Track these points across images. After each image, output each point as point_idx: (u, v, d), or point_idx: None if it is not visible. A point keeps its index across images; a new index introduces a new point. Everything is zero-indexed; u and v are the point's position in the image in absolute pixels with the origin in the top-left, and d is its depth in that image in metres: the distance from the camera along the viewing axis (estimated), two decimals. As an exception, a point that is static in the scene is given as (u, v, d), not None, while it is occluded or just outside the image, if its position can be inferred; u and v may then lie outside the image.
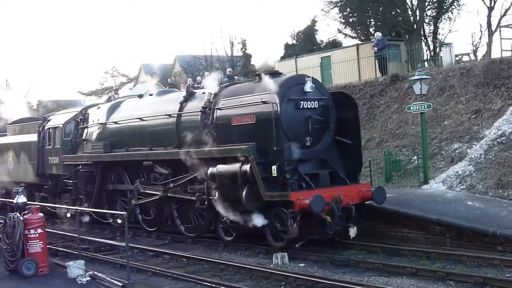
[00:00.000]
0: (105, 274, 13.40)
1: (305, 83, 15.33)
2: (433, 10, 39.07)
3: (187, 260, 15.37)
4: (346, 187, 15.31)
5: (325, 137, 15.75)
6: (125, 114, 20.38)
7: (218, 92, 16.98)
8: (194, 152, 16.59)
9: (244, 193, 14.83)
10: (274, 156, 14.68)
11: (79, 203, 21.02)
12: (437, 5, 38.79)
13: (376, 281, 12.07)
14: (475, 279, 11.69)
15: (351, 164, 16.17)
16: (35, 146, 23.62)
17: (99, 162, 20.73)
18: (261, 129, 14.96)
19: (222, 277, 13.28)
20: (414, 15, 38.33)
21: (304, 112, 15.34)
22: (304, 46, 42.05)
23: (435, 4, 38.85)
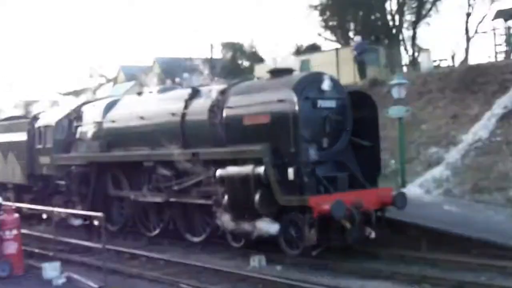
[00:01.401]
0: (81, 276, 13.38)
1: (322, 81, 14.58)
2: (412, 15, 39.48)
3: (164, 262, 15.31)
4: (365, 191, 14.52)
5: (342, 138, 14.95)
6: (123, 112, 19.48)
7: (227, 89, 16.19)
8: (204, 152, 15.79)
9: (257, 197, 13.82)
10: (290, 158, 13.75)
11: (71, 206, 20.41)
12: (416, 10, 39.20)
13: (352, 284, 12.15)
14: (451, 283, 11.81)
15: (369, 167, 15.30)
16: (24, 145, 22.95)
17: (94, 163, 19.86)
18: (276, 129, 14.08)
19: (199, 280, 13.25)
20: (393, 20, 38.78)
21: (321, 111, 14.47)
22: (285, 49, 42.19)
23: (414, 9, 39.26)
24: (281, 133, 13.83)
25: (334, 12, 40.08)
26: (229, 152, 14.89)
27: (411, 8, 39.50)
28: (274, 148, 13.79)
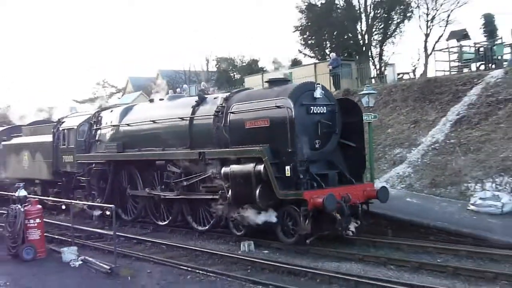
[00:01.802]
0: (95, 259, 13.31)
1: (315, 90, 14.52)
2: (379, 35, 39.65)
3: (166, 247, 15.27)
4: (352, 187, 14.39)
5: (332, 140, 14.74)
6: (138, 116, 19.15)
7: (230, 97, 15.95)
8: (210, 152, 15.53)
9: (258, 191, 13.68)
10: (287, 157, 13.60)
11: (91, 199, 20.24)
12: (382, 31, 39.39)
13: (328, 266, 12.13)
14: (412, 264, 11.84)
15: (355, 165, 15.17)
16: (50, 146, 22.59)
17: (112, 161, 19.48)
18: (274, 131, 13.87)
19: (196, 262, 13.22)
20: (363, 39, 38.90)
21: (314, 116, 14.40)
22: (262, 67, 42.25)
23: (381, 30, 39.45)
24: (279, 135, 13.68)
25: (312, 32, 40.17)
26: (233, 152, 14.66)
27: (378, 29, 39.67)
28: (273, 149, 13.66)
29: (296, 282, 11.07)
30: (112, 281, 11.77)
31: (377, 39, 39.84)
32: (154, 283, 11.43)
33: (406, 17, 39.15)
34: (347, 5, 38.83)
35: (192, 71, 47.12)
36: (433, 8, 37.57)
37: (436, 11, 37.67)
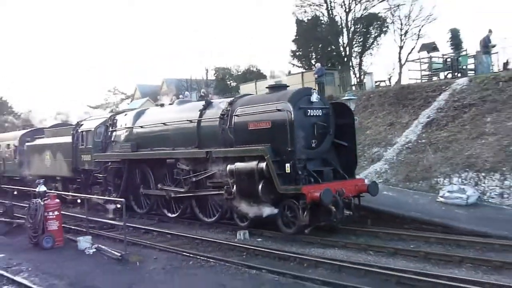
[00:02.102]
0: (107, 246, 13.31)
1: (311, 95, 14.33)
2: (359, 48, 39.79)
3: (171, 236, 15.25)
4: (345, 182, 14.20)
5: (326, 140, 14.50)
6: (150, 119, 18.86)
7: (234, 101, 15.71)
8: (217, 151, 15.24)
9: (260, 187, 13.50)
10: (287, 156, 13.43)
11: (107, 194, 19.99)
12: (361, 44, 39.53)
13: (315, 252, 12.20)
14: (388, 250, 11.93)
15: (347, 163, 14.92)
16: (70, 146, 22.29)
17: (126, 160, 19.14)
18: (275, 132, 13.68)
19: (197, 249, 13.23)
20: (345, 51, 39.00)
21: (310, 118, 14.12)
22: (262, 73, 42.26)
23: (360, 43, 39.59)
24: (280, 135, 13.54)
25: (300, 45, 40.26)
26: (237, 151, 14.47)
27: (358, 42, 39.78)
28: (274, 148, 13.49)
29: (286, 266, 11.12)
30: (123, 267, 11.77)
31: (357, 51, 39.98)
32: (160, 267, 11.44)
33: (382, 32, 39.28)
34: (330, 21, 38.88)
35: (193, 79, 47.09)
36: (406, 23, 37.80)
37: (408, 27, 37.87)
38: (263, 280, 10.11)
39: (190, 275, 10.74)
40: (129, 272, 11.24)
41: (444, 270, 10.15)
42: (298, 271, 10.61)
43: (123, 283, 10.33)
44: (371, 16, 38.59)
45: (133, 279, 10.60)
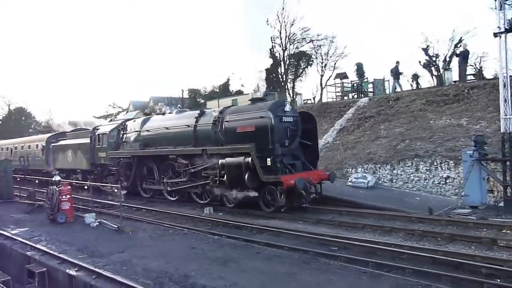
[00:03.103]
0: (107, 221, 12.95)
1: (285, 105, 13.94)
2: (292, 75, 40.20)
3: (156, 212, 14.98)
4: (311, 172, 13.82)
5: (296, 140, 14.09)
6: (154, 124, 18.14)
7: (223, 110, 15.17)
8: (211, 149, 14.66)
9: (246, 176, 13.09)
10: (268, 152, 13.10)
11: (119, 183, 18.67)
12: (294, 73, 39.96)
13: (261, 222, 12.16)
14: (313, 220, 11.95)
15: (311, 157, 14.50)
16: (88, 146, 21.57)
17: (136, 156, 18.34)
18: (258, 134, 13.27)
19: (175, 221, 13.06)
20: (282, 78, 39.28)
21: (284, 124, 13.66)
22: (223, 93, 41.99)
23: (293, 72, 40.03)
24: (262, 137, 13.19)
25: (250, 73, 40.50)
26: (228, 149, 14.02)
27: (292, 72, 40.20)
28: (257, 146, 13.10)
29: (240, 233, 11.11)
30: (119, 235, 11.47)
31: (291, 78, 40.36)
32: (147, 235, 11.20)
33: (309, 64, 39.82)
34: (272, 56, 39.26)
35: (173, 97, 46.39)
36: (325, 59, 38.62)
37: (327, 61, 38.68)
38: (223, 243, 10.04)
39: (169, 240, 10.57)
40: (124, 239, 10.96)
41: (352, 234, 10.32)
42: (248, 236, 10.64)
43: (120, 247, 10.07)
44: (301, 53, 39.13)
45: (127, 244, 10.35)
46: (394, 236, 9.96)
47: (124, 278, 7.66)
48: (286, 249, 9.23)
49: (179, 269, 8.09)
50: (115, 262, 8.83)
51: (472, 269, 7.41)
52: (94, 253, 9.65)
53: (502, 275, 7.06)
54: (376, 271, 7.51)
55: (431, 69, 30.14)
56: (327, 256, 8.59)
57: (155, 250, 9.59)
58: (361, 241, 9.38)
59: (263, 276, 7.47)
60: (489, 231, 9.88)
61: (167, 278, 7.67)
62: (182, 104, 38.67)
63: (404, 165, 16.45)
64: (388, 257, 8.37)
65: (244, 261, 8.44)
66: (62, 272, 8.72)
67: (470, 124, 16.82)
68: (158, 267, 8.29)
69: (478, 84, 19.29)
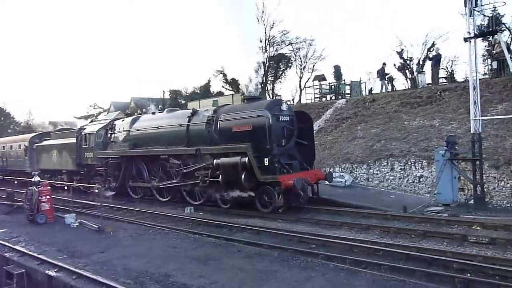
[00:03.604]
0: (88, 221, 12.72)
1: (281, 104, 13.47)
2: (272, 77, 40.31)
3: (136, 212, 14.74)
4: (308, 172, 13.28)
5: (292, 140, 13.42)
6: (144, 124, 17.23)
7: (217, 109, 14.47)
8: (205, 149, 13.91)
9: (243, 176, 12.48)
10: (265, 152, 12.48)
11: (107, 183, 18.25)
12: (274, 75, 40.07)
13: (241, 221, 12.10)
14: (291, 219, 11.90)
15: (307, 157, 13.91)
16: (74, 145, 20.52)
17: (125, 156, 17.37)
18: (255, 134, 12.63)
19: (156, 221, 12.88)
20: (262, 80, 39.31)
21: (281, 123, 13.05)
22: (204, 94, 41.78)
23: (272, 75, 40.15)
24: (259, 136, 12.57)
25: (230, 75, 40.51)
26: (223, 148, 13.34)
27: (272, 74, 40.29)
28: (254, 146, 12.53)
29: (220, 232, 11.04)
30: (100, 235, 11.29)
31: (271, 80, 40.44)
32: (128, 235, 11.06)
33: (288, 67, 39.91)
34: (252, 58, 39.36)
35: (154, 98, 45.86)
36: (304, 61, 38.75)
37: (306, 63, 38.84)
38: (203, 242, 9.99)
39: (150, 240, 10.45)
40: (105, 239, 10.80)
41: (330, 231, 10.39)
42: (229, 235, 10.58)
43: (100, 247, 9.91)
44: (280, 55, 39.16)
45: (108, 244, 10.20)
46: (371, 233, 10.08)
47: (105, 278, 7.54)
48: (266, 247, 9.22)
49: (160, 268, 8.01)
50: (96, 262, 8.70)
51: (444, 264, 7.56)
52: (74, 254, 9.48)
53: (472, 269, 7.23)
54: (353, 268, 7.59)
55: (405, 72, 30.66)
56: (306, 253, 8.62)
57: (135, 250, 9.47)
58: (339, 239, 9.46)
59: (243, 274, 7.47)
60: (460, 227, 10.10)
61: (148, 278, 7.59)
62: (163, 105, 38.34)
63: (380, 164, 16.68)
64: (365, 254, 8.47)
65: (225, 259, 8.41)
66: (41, 273, 8.54)
67: (442, 125, 17.20)
68: (139, 267, 8.19)
69: (449, 86, 19.75)
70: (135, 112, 34.54)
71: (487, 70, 22.12)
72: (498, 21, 22.85)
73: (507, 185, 13.49)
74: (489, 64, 21.11)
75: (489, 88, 17.48)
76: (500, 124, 15.57)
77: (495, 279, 6.73)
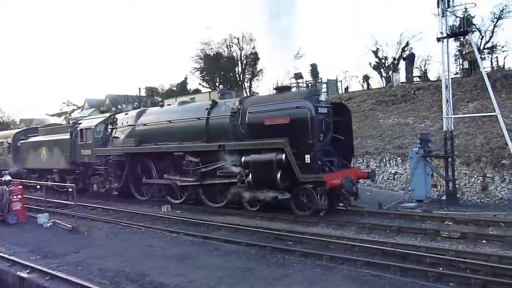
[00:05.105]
0: (61, 221, 12.46)
1: (319, 95, 12.12)
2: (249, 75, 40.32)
3: (112, 211, 14.52)
4: (350, 170, 12.04)
5: (329, 134, 12.03)
6: (152, 118, 15.47)
7: (242, 101, 12.96)
8: (232, 144, 12.42)
9: (279, 175, 11.07)
10: (306, 148, 11.08)
11: (108, 184, 16.78)
12: (251, 73, 40.08)
13: (218, 219, 12.07)
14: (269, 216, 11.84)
15: (344, 153, 12.54)
16: (68, 142, 18.46)
17: (129, 153, 15.64)
18: (294, 127, 11.19)
19: (132, 220, 12.72)
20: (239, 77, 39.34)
21: (320, 115, 11.53)
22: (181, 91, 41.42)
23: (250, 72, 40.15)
24: (299, 130, 11.17)
25: (208, 72, 40.20)
26: (255, 144, 11.79)
27: (249, 71, 40.30)
28: (291, 141, 11.04)
29: (197, 230, 10.99)
30: (74, 235, 11.09)
31: (248, 77, 40.48)
32: (103, 234, 10.90)
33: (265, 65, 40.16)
34: (229, 56, 39.20)
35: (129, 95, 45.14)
36: (282, 59, 38.94)
37: (283, 61, 39.02)
38: (181, 240, 9.93)
39: (126, 239, 10.32)
40: (79, 239, 10.61)
41: (307, 228, 10.48)
42: (206, 233, 10.54)
43: (74, 247, 9.73)
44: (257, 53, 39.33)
45: (82, 244, 10.02)
46: (347, 229, 10.21)
47: (79, 279, 7.40)
48: (243, 245, 9.23)
49: (136, 268, 7.91)
50: (70, 263, 8.53)
51: (417, 259, 7.74)
52: (48, 254, 9.27)
53: (444, 263, 7.43)
54: (330, 264, 7.69)
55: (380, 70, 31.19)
56: (284, 251, 8.66)
57: (111, 249, 9.33)
58: (316, 236, 9.55)
59: (221, 272, 7.46)
60: (433, 223, 10.35)
61: (124, 277, 7.49)
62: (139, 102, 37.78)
63: (355, 161, 16.90)
64: (341, 250, 8.59)
65: (202, 257, 8.38)
66: (12, 274, 8.32)
67: (416, 123, 17.58)
68: (115, 266, 8.07)
69: (423, 85, 20.19)
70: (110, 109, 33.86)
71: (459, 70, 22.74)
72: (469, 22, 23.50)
73: (477, 181, 13.91)
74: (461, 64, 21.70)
75: (460, 87, 17.97)
76: (471, 122, 16.03)
77: (466, 273, 6.93)
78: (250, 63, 39.93)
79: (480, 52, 16.41)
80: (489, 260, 7.30)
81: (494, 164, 13.78)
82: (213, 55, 39.91)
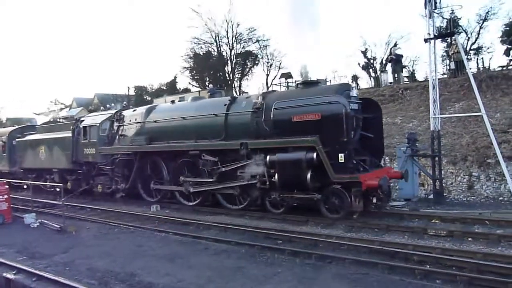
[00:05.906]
0: (49, 221, 12.31)
1: (351, 90, 11.41)
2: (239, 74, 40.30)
3: (101, 211, 14.41)
4: (384, 169, 11.47)
5: (358, 131, 11.36)
6: (164, 114, 14.55)
7: (265, 96, 12.16)
8: (255, 142, 11.61)
9: (309, 175, 10.36)
10: (340, 146, 10.31)
11: (114, 184, 15.96)
12: (241, 72, 40.08)
13: (208, 218, 12.05)
14: (258, 216, 11.94)
15: (374, 152, 11.81)
16: (69, 140, 17.45)
17: (138, 152, 14.79)
18: (326, 124, 10.41)
19: (121, 220, 12.61)
20: (229, 76, 39.29)
21: (351, 112, 10.63)
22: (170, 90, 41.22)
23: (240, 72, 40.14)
24: (332, 126, 10.38)
25: (197, 71, 40.04)
26: (282, 142, 11.01)
27: (238, 71, 40.29)
28: (322, 139, 10.34)
29: (187, 229, 10.94)
30: (62, 235, 10.97)
31: (238, 77, 40.43)
32: (92, 235, 10.80)
33: (255, 64, 40.07)
34: (219, 55, 39.09)
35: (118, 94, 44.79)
36: (271, 58, 39.02)
37: (273, 61, 39.11)
38: (170, 240, 9.90)
39: (115, 239, 10.24)
40: (67, 239, 10.49)
41: (296, 227, 10.51)
42: (196, 232, 10.50)
43: (62, 247, 9.63)
44: (247, 52, 39.26)
45: (70, 244, 9.92)
46: (336, 228, 10.27)
47: (67, 279, 7.33)
48: (233, 244, 9.22)
49: (125, 268, 7.87)
50: (58, 263, 8.44)
51: (405, 256, 7.81)
52: (35, 255, 9.16)
53: (431, 261, 7.51)
54: (319, 263, 7.73)
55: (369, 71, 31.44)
56: (273, 249, 8.67)
57: (100, 249, 9.26)
58: (305, 234, 9.59)
59: (210, 271, 7.45)
60: (420, 221, 10.48)
61: (113, 277, 7.44)
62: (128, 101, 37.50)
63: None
64: (330, 249, 8.63)
65: (192, 257, 8.37)
66: (-1, 275, 8.19)
67: (404, 122, 17.74)
68: (103, 266, 8.01)
69: (411, 85, 20.38)
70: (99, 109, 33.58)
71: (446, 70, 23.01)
72: (456, 23, 23.79)
73: (464, 180, 14.09)
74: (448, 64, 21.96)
75: (447, 87, 18.19)
76: (457, 122, 16.24)
77: (452, 270, 7.02)
78: (240, 62, 39.94)
79: (466, 53, 16.64)
80: (475, 258, 7.41)
81: (479, 163, 13.97)
82: (203, 54, 39.80)
